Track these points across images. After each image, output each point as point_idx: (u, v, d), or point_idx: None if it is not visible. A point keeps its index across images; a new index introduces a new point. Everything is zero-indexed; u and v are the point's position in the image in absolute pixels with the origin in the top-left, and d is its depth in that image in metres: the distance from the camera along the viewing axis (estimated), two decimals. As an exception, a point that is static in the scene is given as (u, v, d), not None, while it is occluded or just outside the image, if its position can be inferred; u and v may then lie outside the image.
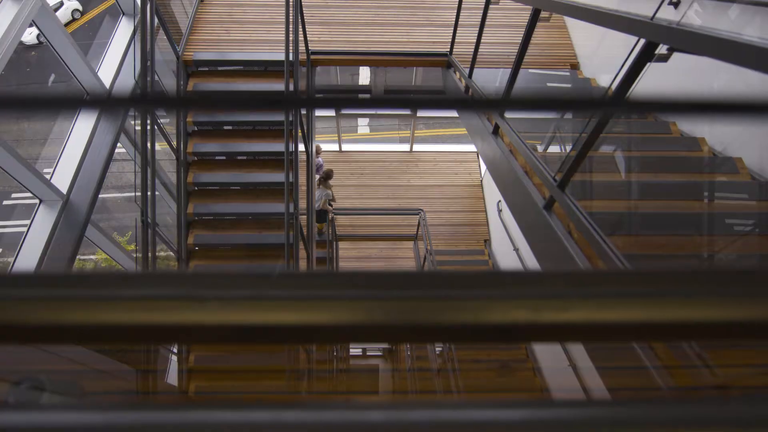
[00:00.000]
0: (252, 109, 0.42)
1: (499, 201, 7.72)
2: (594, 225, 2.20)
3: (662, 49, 1.64)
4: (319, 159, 7.91)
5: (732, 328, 0.35)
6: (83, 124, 4.41)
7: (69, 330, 0.31)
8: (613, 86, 1.97)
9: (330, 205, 7.66)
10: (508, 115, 3.46)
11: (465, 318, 0.30)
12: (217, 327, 0.30)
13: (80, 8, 13.75)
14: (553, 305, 0.31)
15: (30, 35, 11.42)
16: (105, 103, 0.44)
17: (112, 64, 4.86)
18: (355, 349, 8.92)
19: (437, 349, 6.58)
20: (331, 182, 7.61)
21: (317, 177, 7.37)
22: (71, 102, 0.42)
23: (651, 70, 1.79)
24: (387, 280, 0.31)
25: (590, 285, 0.32)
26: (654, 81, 1.76)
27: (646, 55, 1.72)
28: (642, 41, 1.74)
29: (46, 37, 4.07)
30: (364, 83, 11.84)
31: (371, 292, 0.31)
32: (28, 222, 4.01)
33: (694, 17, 3.43)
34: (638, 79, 1.74)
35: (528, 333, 0.32)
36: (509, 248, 7.03)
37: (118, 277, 0.31)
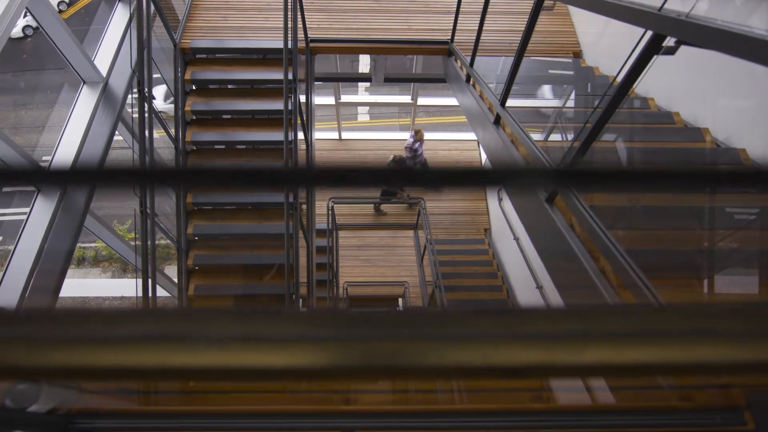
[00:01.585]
0: (252, 188, 0.41)
1: (500, 190, 7.69)
2: (595, 218, 2.18)
3: (670, 41, 1.61)
4: (417, 144, 8.07)
5: (750, 365, 0.34)
6: (82, 112, 4.36)
7: (55, 370, 0.29)
8: (618, 79, 1.94)
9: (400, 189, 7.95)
10: (509, 104, 3.42)
11: (475, 359, 0.29)
12: (206, 369, 0.28)
13: (67, -1, 13.58)
14: (565, 346, 0.29)
15: (16, 27, 11.28)
16: (109, 178, 0.42)
17: (109, 51, 4.79)
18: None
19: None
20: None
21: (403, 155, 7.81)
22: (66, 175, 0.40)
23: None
24: (391, 319, 0.29)
25: (602, 323, 0.31)
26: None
27: (653, 48, 1.68)
28: (649, 33, 1.70)
29: (40, 25, 4.01)
30: (364, 71, 11.74)
31: (376, 331, 0.29)
32: (27, 210, 3.98)
33: (702, 6, 3.37)
34: (644, 72, 1.71)
35: (540, 373, 0.30)
36: (509, 238, 7.02)
37: (104, 316, 0.29)
